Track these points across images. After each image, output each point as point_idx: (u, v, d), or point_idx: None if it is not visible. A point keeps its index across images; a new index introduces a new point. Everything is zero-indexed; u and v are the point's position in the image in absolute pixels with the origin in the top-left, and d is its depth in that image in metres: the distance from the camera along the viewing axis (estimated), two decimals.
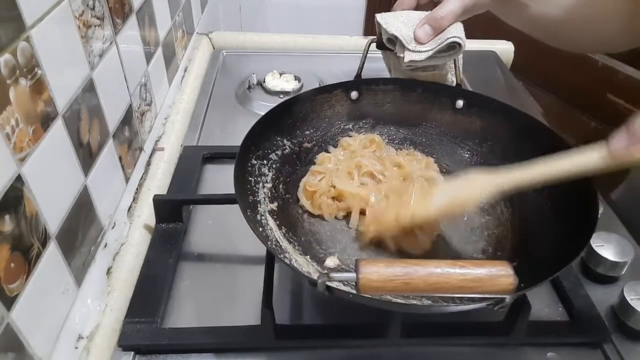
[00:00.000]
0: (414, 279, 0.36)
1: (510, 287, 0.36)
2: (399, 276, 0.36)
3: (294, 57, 1.07)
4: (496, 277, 0.36)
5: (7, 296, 0.39)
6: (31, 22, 0.42)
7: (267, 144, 0.62)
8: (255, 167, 0.59)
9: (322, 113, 0.68)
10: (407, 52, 0.62)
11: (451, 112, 0.68)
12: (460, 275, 0.36)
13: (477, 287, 0.36)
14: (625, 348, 0.52)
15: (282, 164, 0.63)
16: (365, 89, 0.69)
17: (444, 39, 0.61)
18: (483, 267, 0.37)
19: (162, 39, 0.80)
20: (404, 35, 0.62)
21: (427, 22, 0.61)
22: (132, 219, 0.64)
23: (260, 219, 0.55)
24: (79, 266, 0.51)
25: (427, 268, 0.37)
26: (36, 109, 0.43)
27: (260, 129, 0.60)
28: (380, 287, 0.36)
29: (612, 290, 0.58)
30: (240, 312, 0.55)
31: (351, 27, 1.67)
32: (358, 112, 0.70)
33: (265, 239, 0.50)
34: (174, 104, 0.85)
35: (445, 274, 0.36)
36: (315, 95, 0.67)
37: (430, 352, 0.53)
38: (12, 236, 0.39)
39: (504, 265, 0.37)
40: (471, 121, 0.67)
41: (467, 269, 0.37)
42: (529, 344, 0.53)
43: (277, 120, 0.63)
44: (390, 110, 0.70)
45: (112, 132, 0.59)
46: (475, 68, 1.01)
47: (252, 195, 0.56)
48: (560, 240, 0.51)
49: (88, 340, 0.50)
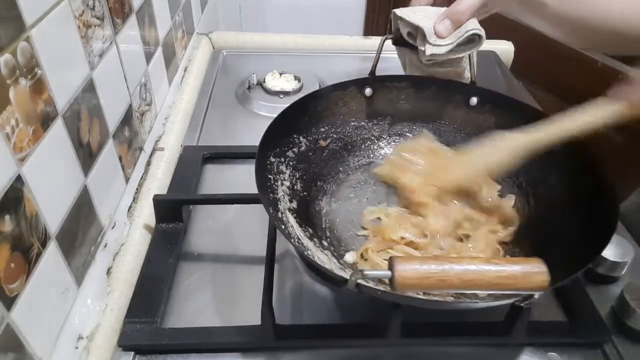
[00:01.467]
0: (450, 276, 0.36)
1: (544, 284, 0.36)
2: (434, 273, 0.36)
3: (294, 57, 1.07)
4: (530, 274, 0.36)
5: (7, 296, 0.39)
6: (31, 22, 0.42)
7: (284, 141, 0.62)
8: (274, 165, 0.59)
9: (337, 110, 0.68)
10: (429, 46, 0.62)
11: (465, 109, 0.68)
12: (495, 272, 0.36)
13: (511, 284, 0.36)
14: (625, 348, 0.52)
15: (298, 161, 0.63)
16: (379, 85, 0.69)
17: (464, 32, 0.61)
18: (517, 264, 0.37)
19: (162, 39, 0.80)
20: (426, 27, 0.62)
21: (446, 16, 0.61)
22: (132, 219, 0.64)
23: (281, 216, 0.54)
24: (79, 266, 0.51)
25: (462, 265, 0.36)
26: (36, 109, 0.43)
27: (278, 127, 0.59)
28: (416, 284, 0.36)
29: (612, 290, 0.58)
30: (240, 312, 0.55)
31: (351, 27, 1.67)
32: (372, 109, 0.70)
33: (289, 237, 0.50)
34: (174, 104, 0.85)
35: (481, 271, 0.36)
36: (330, 93, 0.67)
37: (430, 352, 0.53)
38: (12, 236, 0.39)
39: (538, 262, 0.37)
40: (485, 118, 0.67)
41: (502, 265, 0.36)
42: (529, 344, 0.53)
43: (294, 118, 0.63)
44: (404, 107, 0.70)
45: (112, 132, 0.59)
46: (475, 68, 1.01)
47: (272, 193, 0.56)
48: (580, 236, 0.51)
49: (88, 340, 0.50)
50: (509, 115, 0.65)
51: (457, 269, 0.36)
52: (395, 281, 0.36)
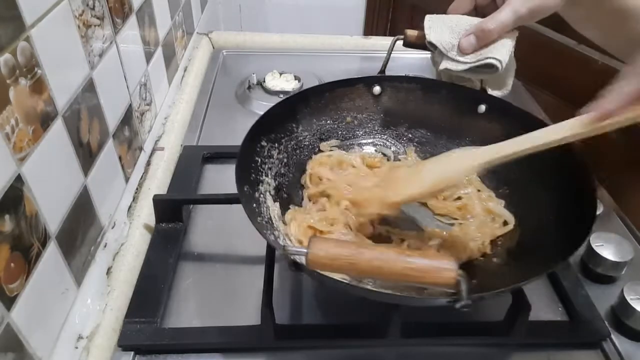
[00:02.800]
0: (359, 261, 0.38)
1: (451, 281, 0.37)
2: (345, 256, 0.38)
3: (294, 57, 1.07)
4: (438, 269, 0.38)
5: (7, 296, 0.39)
6: (31, 22, 0.42)
7: (281, 128, 0.63)
8: (265, 149, 0.60)
9: (342, 105, 0.68)
10: (445, 60, 0.61)
11: (472, 116, 0.67)
12: (404, 262, 0.38)
13: (420, 276, 0.38)
14: (625, 348, 0.52)
15: (293, 150, 0.64)
16: (389, 85, 0.69)
17: (484, 57, 0.59)
18: (428, 258, 0.38)
19: (162, 38, 0.80)
20: (444, 43, 0.61)
21: (474, 32, 0.58)
22: (132, 219, 0.64)
23: (259, 196, 0.55)
24: (79, 266, 0.51)
25: (373, 252, 0.38)
26: (36, 108, 0.43)
27: (276, 114, 0.60)
28: (327, 264, 0.38)
29: (612, 290, 0.58)
30: (240, 312, 0.55)
31: (351, 27, 1.67)
32: (377, 108, 0.70)
33: (255, 214, 0.51)
34: (173, 104, 0.85)
35: (390, 260, 0.38)
36: (337, 87, 0.67)
37: (430, 352, 0.53)
38: (12, 236, 0.39)
39: (448, 260, 0.38)
40: (491, 127, 0.66)
41: (412, 258, 0.38)
42: (529, 344, 0.53)
43: (294, 107, 0.64)
44: (412, 108, 0.69)
45: (112, 132, 0.59)
46: None
47: (255, 174, 0.57)
48: (559, 237, 0.51)
49: (88, 340, 0.50)
50: (516, 125, 0.63)
51: (367, 255, 0.38)
52: (308, 258, 0.38)
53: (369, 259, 0.38)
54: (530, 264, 0.51)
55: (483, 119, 0.67)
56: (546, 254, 0.50)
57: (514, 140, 0.51)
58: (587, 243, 0.60)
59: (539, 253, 0.52)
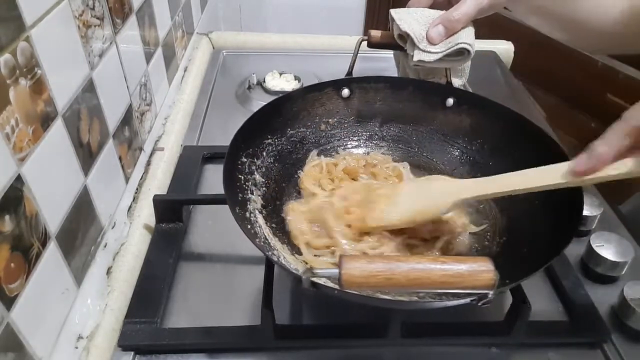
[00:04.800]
0: (396, 275, 0.36)
1: (491, 282, 0.37)
2: (381, 272, 0.36)
3: (294, 57, 1.07)
4: (477, 272, 0.37)
5: (7, 296, 0.39)
6: (31, 22, 0.42)
7: (258, 141, 0.62)
8: (245, 165, 0.59)
9: (314, 111, 0.68)
10: (417, 52, 0.61)
11: (441, 110, 0.68)
12: (442, 270, 0.37)
13: (458, 282, 0.37)
14: (625, 348, 0.52)
15: (272, 162, 0.63)
16: (357, 86, 0.69)
17: (454, 44, 0.60)
18: (464, 263, 0.37)
19: (162, 39, 0.80)
20: (415, 33, 0.61)
21: (440, 22, 0.60)
22: (132, 219, 0.64)
23: (250, 216, 0.55)
24: (79, 266, 0.51)
25: (409, 264, 0.37)
26: (36, 108, 0.43)
27: (251, 127, 0.59)
28: (363, 282, 0.37)
29: (612, 290, 0.58)
30: (240, 312, 0.55)
31: (351, 27, 1.67)
32: (349, 110, 0.70)
33: (254, 237, 0.50)
34: (173, 104, 0.85)
35: (427, 270, 0.37)
36: (306, 94, 0.67)
37: (430, 352, 0.53)
38: (12, 236, 0.39)
39: (484, 261, 0.38)
40: (461, 119, 0.67)
41: (449, 264, 0.37)
42: (529, 344, 0.53)
43: (268, 119, 0.63)
44: (382, 108, 0.70)
45: (112, 132, 0.59)
46: (475, 68, 1.00)
47: (242, 193, 0.56)
48: (547, 236, 0.51)
49: (88, 340, 0.50)
50: (484, 116, 0.65)
51: (403, 267, 0.37)
52: (343, 279, 0.36)
53: (406, 271, 0.37)
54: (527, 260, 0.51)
55: (452, 112, 0.68)
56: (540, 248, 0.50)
57: (503, 178, 0.50)
58: (587, 243, 0.60)
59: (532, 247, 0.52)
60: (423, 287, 0.37)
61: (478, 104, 0.66)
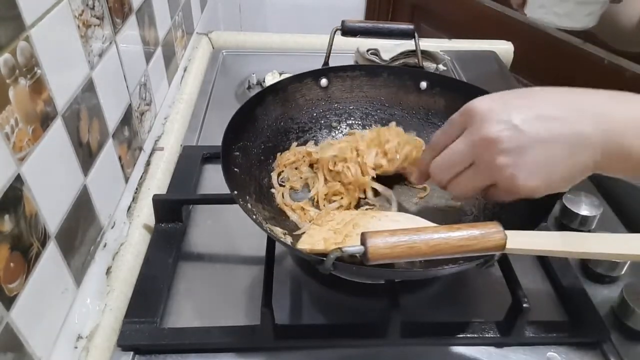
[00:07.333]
0: (417, 243, 0.38)
1: (502, 242, 0.39)
2: (403, 242, 0.38)
3: (294, 57, 1.07)
4: (489, 234, 0.39)
5: (7, 296, 0.39)
6: (31, 22, 0.42)
7: (246, 135, 0.63)
8: (239, 158, 0.60)
9: (296, 102, 0.71)
10: None
11: (416, 94, 0.72)
12: (458, 236, 0.39)
13: (473, 245, 0.39)
14: (625, 348, 0.52)
15: (261, 153, 0.65)
16: (334, 76, 0.72)
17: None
18: (476, 227, 0.40)
19: (161, 38, 0.80)
20: None
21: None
22: (131, 219, 0.64)
23: (252, 207, 0.56)
24: (79, 266, 0.51)
25: (427, 233, 0.39)
26: (36, 108, 0.43)
27: (239, 121, 0.61)
28: (388, 253, 0.39)
29: (612, 290, 0.58)
30: (240, 312, 0.55)
31: None
32: (329, 99, 0.73)
33: (262, 225, 0.52)
34: (173, 104, 0.85)
35: (445, 236, 0.39)
36: (287, 85, 0.69)
37: (430, 352, 0.53)
38: (11, 236, 0.39)
39: (494, 224, 0.40)
40: (435, 101, 0.71)
41: (463, 230, 0.39)
42: (529, 344, 0.53)
43: (253, 112, 0.65)
44: (360, 95, 0.73)
45: (111, 132, 0.59)
46: (475, 68, 1.01)
47: (240, 186, 0.57)
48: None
49: (87, 340, 0.50)
50: (456, 96, 0.67)
51: (423, 236, 0.39)
52: (369, 252, 0.38)
53: (426, 239, 0.39)
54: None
55: (426, 95, 0.72)
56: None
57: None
58: None
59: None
60: (442, 252, 0.39)
61: (449, 86, 0.70)
